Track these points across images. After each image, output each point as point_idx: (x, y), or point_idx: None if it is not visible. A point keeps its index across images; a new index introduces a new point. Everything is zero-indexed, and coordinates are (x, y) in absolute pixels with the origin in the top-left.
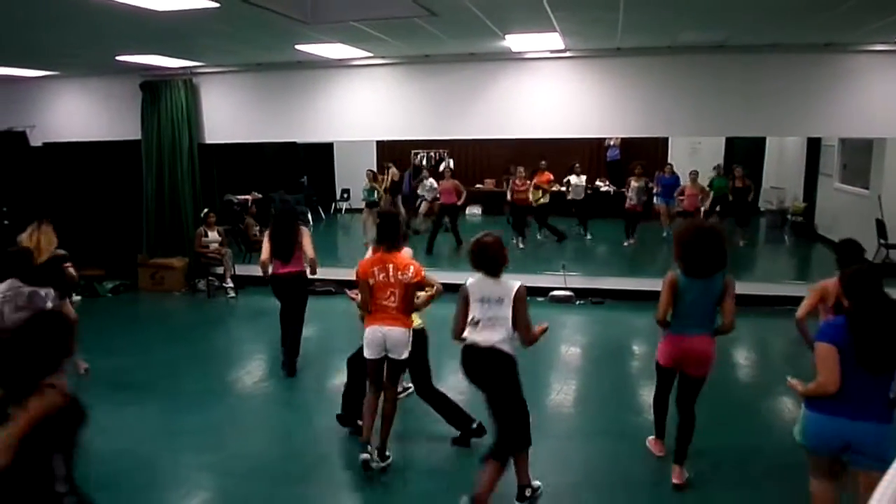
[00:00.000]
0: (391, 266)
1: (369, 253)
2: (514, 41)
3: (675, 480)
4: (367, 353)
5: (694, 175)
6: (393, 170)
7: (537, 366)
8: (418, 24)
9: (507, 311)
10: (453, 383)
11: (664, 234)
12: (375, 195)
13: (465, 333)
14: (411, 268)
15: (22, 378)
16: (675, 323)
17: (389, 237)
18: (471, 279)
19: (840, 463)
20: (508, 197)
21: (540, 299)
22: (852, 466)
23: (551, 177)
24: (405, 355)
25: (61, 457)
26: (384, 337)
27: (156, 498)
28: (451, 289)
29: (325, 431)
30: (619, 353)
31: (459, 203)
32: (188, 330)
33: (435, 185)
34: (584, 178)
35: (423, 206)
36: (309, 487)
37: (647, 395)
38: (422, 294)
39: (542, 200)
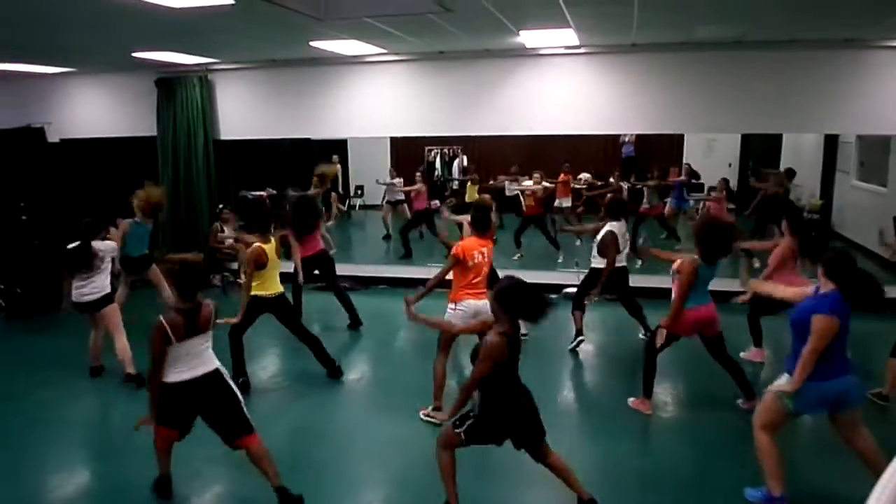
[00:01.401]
0: (486, 249)
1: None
2: (529, 37)
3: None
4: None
5: (723, 184)
6: (336, 165)
7: (549, 363)
8: (432, 21)
9: None
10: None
11: (662, 236)
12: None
13: None
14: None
15: None
16: (691, 299)
17: (482, 226)
18: None
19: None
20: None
21: (553, 296)
22: (838, 413)
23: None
24: None
25: None
26: (478, 310)
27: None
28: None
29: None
30: (634, 350)
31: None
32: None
33: (397, 184)
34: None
35: (385, 210)
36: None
37: (662, 391)
38: None
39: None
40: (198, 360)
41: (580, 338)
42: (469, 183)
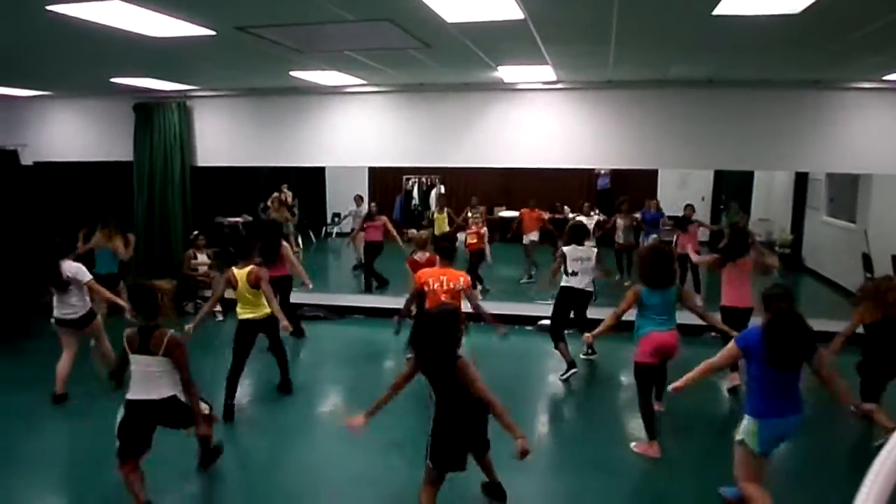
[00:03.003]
0: (445, 278)
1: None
2: (507, 72)
3: None
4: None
5: (690, 210)
6: (286, 192)
7: (523, 397)
8: (412, 55)
9: None
10: None
11: None
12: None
13: None
14: (461, 279)
15: None
16: (646, 324)
17: (447, 255)
18: None
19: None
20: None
21: (528, 328)
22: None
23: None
24: None
25: None
26: None
27: None
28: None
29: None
30: (607, 383)
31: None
32: None
33: (362, 212)
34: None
35: (357, 237)
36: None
37: (633, 426)
38: None
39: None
40: (151, 384)
41: (572, 370)
42: (438, 212)
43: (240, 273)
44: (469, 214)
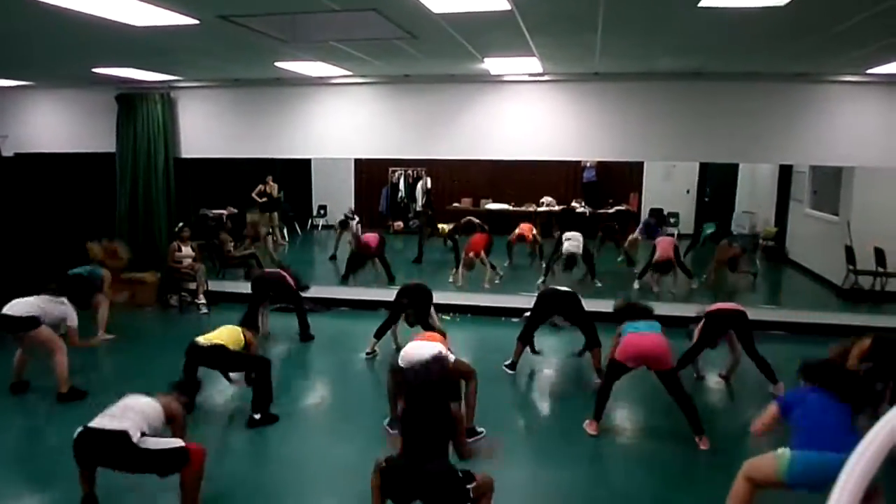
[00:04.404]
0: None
1: None
2: (493, 64)
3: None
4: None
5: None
6: (271, 184)
7: (509, 389)
8: (398, 46)
9: None
10: None
11: (619, 258)
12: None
13: None
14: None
15: None
16: (627, 328)
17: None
18: None
19: None
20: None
21: (515, 320)
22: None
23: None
24: None
25: None
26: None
27: None
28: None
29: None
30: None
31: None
32: (159, 346)
33: (353, 226)
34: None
35: (338, 230)
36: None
37: (618, 415)
38: None
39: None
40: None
41: (511, 372)
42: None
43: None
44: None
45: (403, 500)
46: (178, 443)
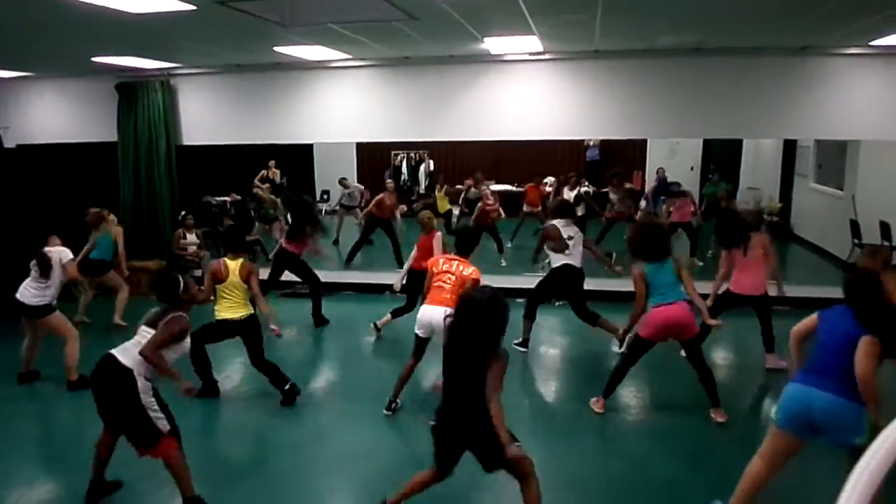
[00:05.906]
0: (457, 262)
1: None
2: (493, 44)
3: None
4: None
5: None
6: (273, 170)
7: (517, 367)
8: (397, 28)
9: None
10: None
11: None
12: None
13: None
14: (472, 268)
15: None
16: (653, 300)
17: (466, 248)
18: None
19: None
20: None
21: (519, 300)
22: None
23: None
24: None
25: None
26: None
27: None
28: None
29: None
30: (595, 354)
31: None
32: None
33: (354, 192)
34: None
35: (339, 214)
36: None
37: (624, 393)
38: None
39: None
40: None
41: (523, 349)
42: (437, 190)
43: (232, 265)
44: (484, 188)
45: (452, 453)
46: (163, 424)
